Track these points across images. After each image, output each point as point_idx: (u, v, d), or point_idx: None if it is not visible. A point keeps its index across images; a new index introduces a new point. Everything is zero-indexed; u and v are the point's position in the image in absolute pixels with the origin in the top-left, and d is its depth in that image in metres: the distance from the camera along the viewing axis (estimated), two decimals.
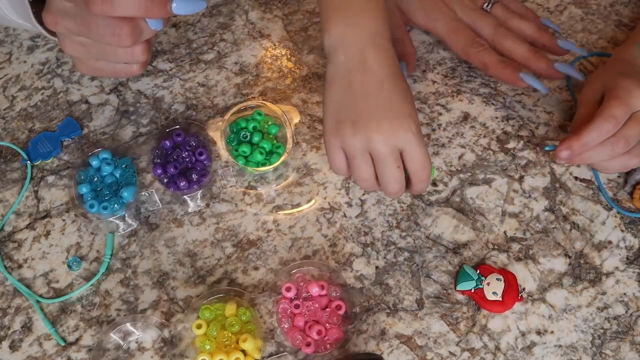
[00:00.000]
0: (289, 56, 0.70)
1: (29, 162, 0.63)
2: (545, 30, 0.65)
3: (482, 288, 0.55)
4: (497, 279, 0.55)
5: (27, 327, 0.56)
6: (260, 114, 0.63)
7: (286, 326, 0.53)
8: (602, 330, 0.54)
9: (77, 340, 0.55)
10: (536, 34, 0.64)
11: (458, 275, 0.56)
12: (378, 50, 0.53)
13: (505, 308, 0.54)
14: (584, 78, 0.62)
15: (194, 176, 0.60)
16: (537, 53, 0.62)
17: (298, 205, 0.61)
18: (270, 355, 0.54)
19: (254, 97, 0.67)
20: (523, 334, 0.54)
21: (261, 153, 0.60)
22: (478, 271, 0.56)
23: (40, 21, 0.56)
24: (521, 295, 0.55)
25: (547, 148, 0.57)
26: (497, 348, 0.54)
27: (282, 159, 0.60)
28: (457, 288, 0.55)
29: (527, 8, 0.67)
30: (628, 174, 0.61)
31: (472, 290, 0.55)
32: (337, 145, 0.54)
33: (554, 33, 0.65)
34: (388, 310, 0.55)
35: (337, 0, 0.54)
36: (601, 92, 0.58)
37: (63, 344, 0.54)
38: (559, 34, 0.66)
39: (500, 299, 0.54)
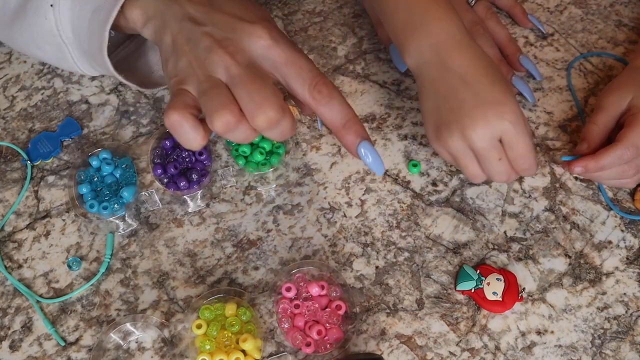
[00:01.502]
0: None
1: (29, 162, 0.63)
2: (514, 43, 0.67)
3: (482, 288, 0.55)
4: (497, 279, 0.55)
5: (27, 327, 0.56)
6: None
7: (286, 326, 0.53)
8: (602, 330, 0.54)
9: (77, 340, 0.55)
10: (505, 43, 0.67)
11: (458, 275, 0.56)
12: (456, 49, 0.52)
13: (505, 308, 0.54)
14: (534, 100, 0.65)
15: (194, 176, 0.60)
16: (500, 62, 0.65)
17: (298, 205, 0.61)
18: (270, 355, 0.54)
19: None
20: (523, 334, 0.54)
21: (261, 153, 0.60)
22: (478, 271, 0.56)
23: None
24: (521, 295, 0.55)
25: (563, 158, 0.57)
26: (497, 348, 0.54)
27: (282, 159, 0.60)
28: (457, 288, 0.55)
29: (517, 4, 0.69)
30: None
31: (472, 290, 0.55)
32: (444, 152, 0.54)
33: (518, 51, 0.67)
34: (388, 310, 0.55)
35: (402, 19, 0.54)
36: (624, 105, 0.56)
37: (63, 344, 0.54)
38: (543, 33, 0.68)
39: (500, 299, 0.54)
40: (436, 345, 0.54)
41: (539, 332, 0.54)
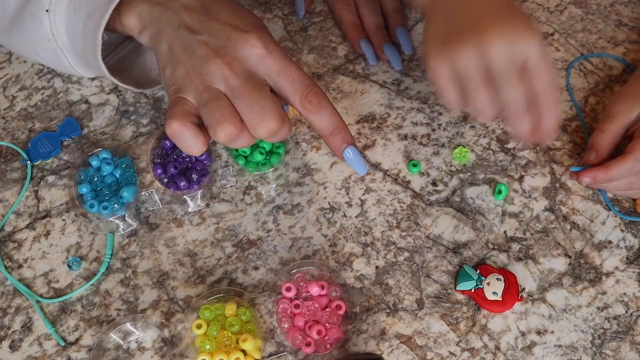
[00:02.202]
0: None
1: (29, 162, 0.63)
2: (399, 15, 0.68)
3: (482, 288, 0.55)
4: (497, 279, 0.55)
5: (27, 327, 0.56)
6: None
7: (286, 326, 0.53)
8: (602, 330, 0.54)
9: (77, 340, 0.55)
10: (390, 13, 0.68)
11: (458, 275, 0.56)
12: None
13: (505, 308, 0.54)
14: (376, 62, 0.66)
15: (194, 176, 0.60)
16: (379, 30, 0.67)
17: (298, 205, 0.61)
18: (270, 355, 0.54)
19: None
20: (523, 334, 0.54)
21: (261, 153, 0.60)
22: (478, 271, 0.56)
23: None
24: (521, 295, 0.55)
25: (573, 169, 0.56)
26: (497, 348, 0.54)
27: (282, 159, 0.60)
28: (457, 288, 0.55)
29: (397, 15, 0.69)
30: None
31: (472, 290, 0.55)
32: (445, 68, 0.46)
33: (402, 25, 0.68)
34: (388, 310, 0.55)
35: None
36: (635, 114, 0.55)
37: (63, 344, 0.54)
38: (405, 53, 0.68)
39: (500, 299, 0.54)
40: (436, 345, 0.54)
41: (539, 332, 0.54)
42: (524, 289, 0.56)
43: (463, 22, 0.45)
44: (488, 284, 0.55)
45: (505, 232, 0.59)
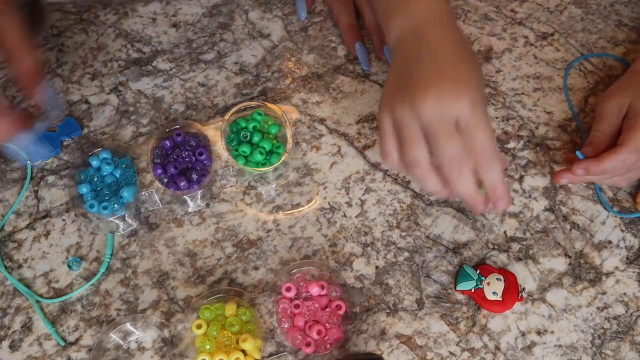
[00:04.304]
0: (289, 56, 0.70)
1: (28, 162, 0.63)
2: (375, 24, 0.68)
3: (482, 288, 0.55)
4: (497, 279, 0.55)
5: (27, 327, 0.56)
6: (260, 114, 0.63)
7: (286, 326, 0.53)
8: (602, 330, 0.54)
9: (77, 340, 0.55)
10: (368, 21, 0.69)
11: (458, 275, 0.56)
12: (433, 26, 0.51)
13: (505, 308, 0.54)
14: (368, 68, 0.67)
15: (194, 176, 0.60)
16: (379, 29, 0.67)
17: (298, 205, 0.61)
18: (270, 355, 0.54)
19: (254, 97, 0.67)
20: (523, 334, 0.54)
21: (261, 153, 0.60)
22: (478, 271, 0.56)
23: None
24: (521, 295, 0.55)
25: (577, 152, 0.56)
26: (497, 348, 0.54)
27: (282, 159, 0.60)
28: (457, 288, 0.55)
29: (376, 33, 0.69)
30: None
31: (472, 290, 0.55)
32: (387, 120, 0.49)
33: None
34: (388, 310, 0.55)
35: (390, 4, 0.53)
36: (624, 110, 0.56)
37: (63, 344, 0.54)
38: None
39: (500, 299, 0.54)
40: (436, 345, 0.54)
41: (539, 332, 0.54)
42: (524, 289, 0.56)
43: (408, 80, 0.48)
44: (488, 284, 0.55)
45: (505, 232, 0.59)
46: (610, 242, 0.58)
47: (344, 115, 0.65)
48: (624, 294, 0.56)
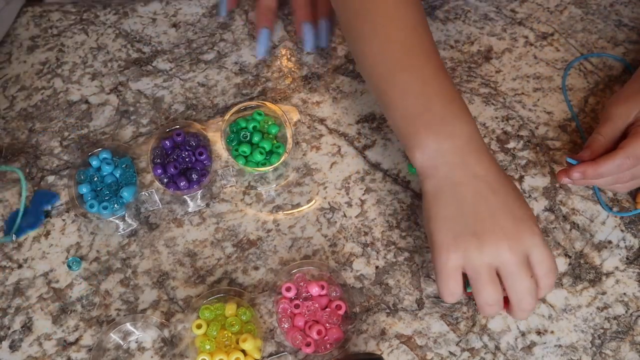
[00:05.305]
0: (289, 56, 0.70)
1: (14, 236, 0.59)
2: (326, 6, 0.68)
3: None
4: None
5: (27, 327, 0.56)
6: (260, 114, 0.63)
7: (286, 326, 0.53)
8: (602, 330, 0.54)
9: (77, 340, 0.55)
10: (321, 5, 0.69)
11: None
12: (479, 155, 0.50)
13: (505, 306, 0.54)
14: (311, 49, 0.67)
15: (194, 176, 0.60)
16: (305, 9, 0.67)
17: (298, 205, 0.61)
18: (270, 355, 0.54)
19: (254, 97, 0.67)
20: (523, 334, 0.54)
21: (261, 153, 0.60)
22: None
23: None
24: None
25: (568, 159, 0.56)
26: (497, 348, 0.54)
27: (282, 159, 0.60)
28: (468, 290, 0.55)
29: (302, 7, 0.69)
30: None
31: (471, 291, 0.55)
32: (456, 264, 0.48)
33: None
34: (388, 310, 0.55)
35: (418, 113, 0.51)
36: (631, 117, 0.55)
37: (10, 240, 0.54)
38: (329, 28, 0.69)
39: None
40: (436, 345, 0.54)
41: (539, 332, 0.54)
42: None
43: (477, 221, 0.48)
44: None
45: None
46: (610, 242, 0.58)
47: (344, 115, 0.65)
48: (624, 294, 0.56)
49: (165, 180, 0.60)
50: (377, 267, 0.57)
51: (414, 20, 0.53)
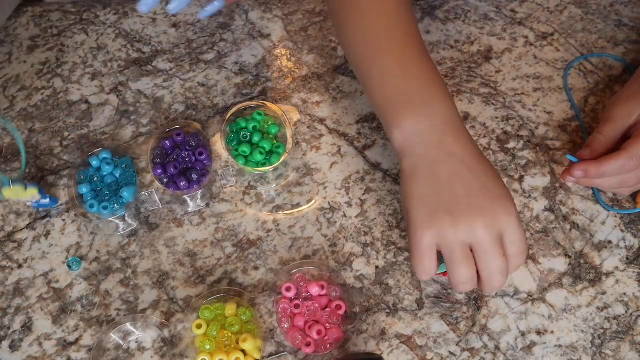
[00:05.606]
0: (289, 56, 0.70)
1: (10, 181, 0.57)
2: None
3: None
4: None
5: (27, 327, 0.56)
6: (260, 114, 0.63)
7: (286, 326, 0.53)
8: (602, 330, 0.54)
9: (77, 340, 0.55)
10: None
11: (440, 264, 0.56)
12: (456, 134, 0.51)
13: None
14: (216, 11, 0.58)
15: (194, 176, 0.60)
16: None
17: (298, 205, 0.61)
18: (270, 355, 0.54)
19: (254, 97, 0.67)
20: (523, 334, 0.54)
21: (261, 153, 0.60)
22: None
23: None
24: None
25: (568, 156, 0.56)
26: (497, 348, 0.54)
27: (282, 159, 0.60)
28: (437, 272, 0.55)
29: None
30: None
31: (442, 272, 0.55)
32: (431, 241, 0.48)
33: None
34: (388, 310, 0.55)
35: (397, 94, 0.52)
36: (633, 118, 0.55)
37: (7, 182, 0.53)
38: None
39: None
40: (436, 345, 0.54)
41: (539, 332, 0.54)
42: None
43: (453, 199, 0.48)
44: None
45: None
46: (610, 242, 0.58)
47: (344, 115, 0.65)
48: (624, 294, 0.56)
49: (165, 180, 0.60)
50: (377, 267, 0.57)
51: (397, 5, 0.55)
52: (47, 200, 0.59)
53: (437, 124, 0.51)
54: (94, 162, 0.61)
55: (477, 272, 0.49)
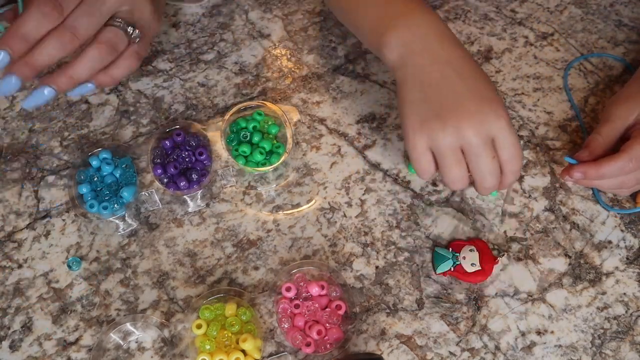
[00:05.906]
0: (289, 56, 0.70)
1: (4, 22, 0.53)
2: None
3: (460, 264, 0.55)
4: (470, 250, 0.56)
5: (27, 327, 0.56)
6: (260, 114, 0.63)
7: (286, 326, 0.53)
8: (602, 330, 0.54)
9: (77, 340, 0.55)
10: None
11: (434, 260, 0.56)
12: (442, 40, 0.52)
13: (487, 275, 0.55)
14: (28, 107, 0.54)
15: (194, 176, 0.60)
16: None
17: (298, 205, 0.61)
18: (270, 355, 0.54)
19: (254, 97, 0.67)
20: (523, 334, 0.54)
21: (261, 153, 0.60)
22: (451, 249, 0.56)
23: None
24: (497, 259, 0.55)
25: (566, 158, 0.56)
26: (497, 348, 0.54)
27: (282, 159, 0.60)
28: (437, 271, 0.55)
29: None
30: None
31: (452, 269, 0.55)
32: (424, 145, 0.50)
33: None
34: (388, 310, 0.55)
35: (380, 19, 0.54)
36: (632, 118, 0.55)
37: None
38: None
39: (480, 268, 0.55)
40: (436, 345, 0.54)
41: (539, 332, 0.54)
42: (503, 254, 0.56)
43: (442, 103, 0.49)
44: (464, 257, 0.55)
45: (505, 232, 0.59)
46: (610, 242, 0.58)
47: (344, 115, 0.65)
48: (624, 294, 0.56)
49: (165, 180, 0.60)
50: (377, 267, 0.57)
51: None
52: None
53: (421, 33, 0.52)
54: (94, 162, 0.61)
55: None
